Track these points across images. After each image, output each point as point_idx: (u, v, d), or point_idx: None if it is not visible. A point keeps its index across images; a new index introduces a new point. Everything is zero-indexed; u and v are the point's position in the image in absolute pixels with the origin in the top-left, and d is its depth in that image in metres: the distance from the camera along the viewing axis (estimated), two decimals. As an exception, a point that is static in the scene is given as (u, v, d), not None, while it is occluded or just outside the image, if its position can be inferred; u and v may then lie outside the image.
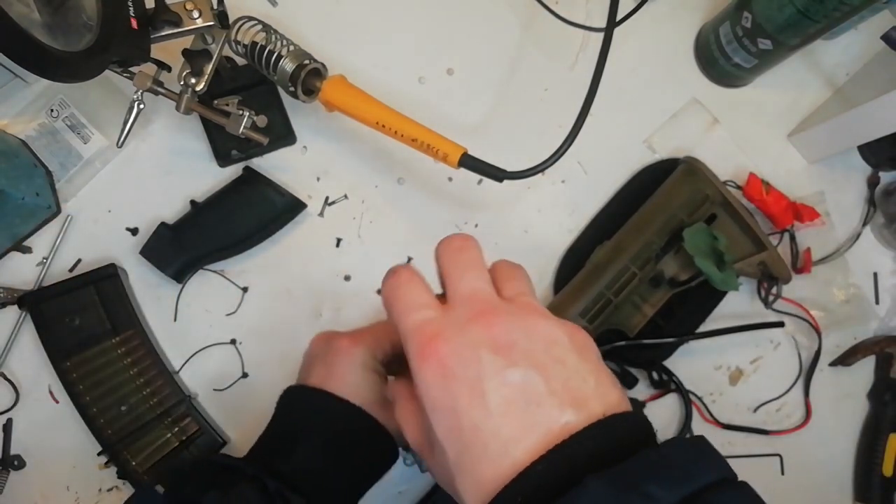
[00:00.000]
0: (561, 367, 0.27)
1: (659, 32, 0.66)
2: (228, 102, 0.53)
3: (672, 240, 0.59)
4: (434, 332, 0.28)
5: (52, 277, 0.57)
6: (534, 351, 0.27)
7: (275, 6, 0.63)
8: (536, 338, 0.28)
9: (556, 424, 0.26)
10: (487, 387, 0.26)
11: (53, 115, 0.58)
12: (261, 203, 0.57)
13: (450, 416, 0.27)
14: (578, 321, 0.57)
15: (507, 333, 0.28)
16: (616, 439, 0.25)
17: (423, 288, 0.31)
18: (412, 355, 0.28)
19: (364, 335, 0.41)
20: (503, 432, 0.26)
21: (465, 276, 0.31)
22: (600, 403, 0.27)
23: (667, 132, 0.65)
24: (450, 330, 0.28)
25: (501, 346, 0.27)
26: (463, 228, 0.62)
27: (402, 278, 0.31)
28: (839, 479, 0.64)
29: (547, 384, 0.26)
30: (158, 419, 0.54)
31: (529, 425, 0.26)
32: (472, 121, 0.64)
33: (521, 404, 0.26)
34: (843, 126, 0.61)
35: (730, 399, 0.63)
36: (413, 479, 0.57)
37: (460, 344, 0.27)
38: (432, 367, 0.27)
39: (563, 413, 0.26)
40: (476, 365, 0.27)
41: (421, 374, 0.28)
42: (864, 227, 0.67)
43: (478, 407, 0.26)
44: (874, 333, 0.66)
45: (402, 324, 0.30)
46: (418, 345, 0.28)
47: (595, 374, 0.28)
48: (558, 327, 0.29)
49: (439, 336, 0.28)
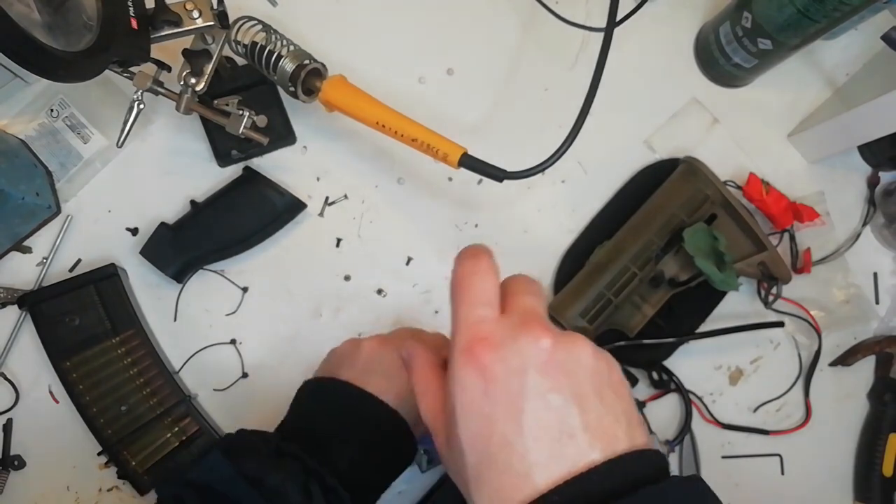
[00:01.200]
0: (598, 402, 0.27)
1: (659, 32, 0.66)
2: (228, 102, 0.53)
3: (672, 240, 0.59)
4: (488, 333, 0.28)
5: (52, 277, 0.57)
6: (577, 378, 0.27)
7: (275, 6, 0.63)
8: (581, 365, 0.27)
9: (584, 461, 0.25)
10: (527, 406, 0.26)
11: (53, 115, 0.58)
12: (261, 203, 0.57)
13: (481, 423, 0.27)
14: (578, 321, 0.57)
15: (558, 357, 0.27)
16: (631, 477, 0.26)
17: (495, 284, 0.30)
18: (459, 349, 0.28)
19: (390, 339, 0.44)
20: (531, 456, 0.26)
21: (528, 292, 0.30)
22: (628, 445, 0.27)
23: (667, 132, 0.65)
24: (501, 336, 0.28)
25: (550, 367, 0.27)
26: (463, 228, 0.62)
27: (481, 266, 0.31)
28: (839, 479, 0.65)
29: (582, 417, 0.26)
30: (158, 419, 0.54)
31: (557, 456, 0.26)
32: (472, 121, 0.64)
33: (555, 433, 0.26)
34: (843, 126, 0.61)
35: (730, 399, 0.63)
36: (413, 479, 0.57)
37: (511, 351, 0.27)
38: (476, 367, 0.27)
39: (592, 450, 0.26)
40: (521, 378, 0.26)
41: (462, 372, 0.27)
42: (864, 227, 0.67)
43: (512, 422, 0.26)
44: (874, 333, 0.66)
45: (461, 313, 0.29)
46: (468, 341, 0.28)
47: (627, 415, 0.28)
48: (601, 359, 0.28)
49: (491, 339, 0.28)
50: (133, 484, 0.54)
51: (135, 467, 0.53)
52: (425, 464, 0.56)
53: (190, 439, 0.55)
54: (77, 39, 0.40)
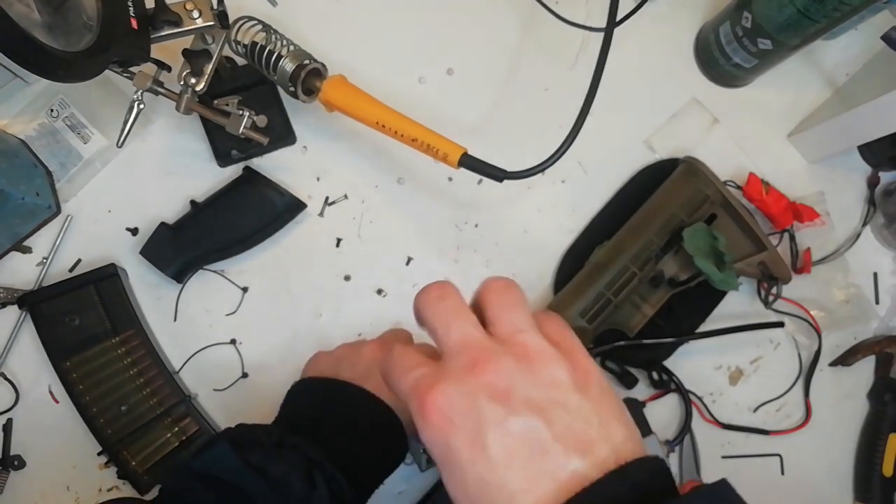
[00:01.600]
0: (562, 410, 0.26)
1: (659, 32, 0.66)
2: (228, 102, 0.53)
3: (672, 240, 0.59)
4: (429, 385, 0.27)
5: (52, 277, 0.57)
6: (533, 395, 0.26)
7: (275, 6, 0.63)
8: (535, 380, 0.27)
9: (564, 472, 0.25)
10: (489, 438, 0.25)
11: (53, 115, 0.58)
12: (261, 203, 0.57)
13: (455, 471, 0.26)
14: (578, 321, 0.57)
15: (505, 378, 0.26)
16: (633, 489, 0.25)
17: (414, 351, 0.30)
18: (414, 415, 0.27)
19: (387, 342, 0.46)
20: (510, 484, 0.25)
21: (451, 325, 0.29)
22: (606, 445, 0.26)
23: (667, 132, 0.65)
24: (445, 381, 0.27)
25: (500, 392, 0.26)
26: (463, 228, 0.62)
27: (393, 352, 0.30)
28: (839, 479, 0.65)
29: (550, 429, 0.25)
30: (158, 419, 0.54)
31: (536, 475, 0.25)
32: (472, 121, 0.64)
33: (526, 454, 0.25)
34: (843, 126, 0.61)
35: (730, 399, 0.63)
36: (413, 479, 0.57)
37: (457, 393, 0.26)
38: (432, 420, 0.26)
39: (568, 460, 0.25)
40: (475, 415, 0.26)
41: (424, 432, 0.27)
42: (864, 227, 0.67)
43: (481, 460, 0.25)
44: (874, 333, 0.66)
45: (401, 388, 0.29)
46: (417, 402, 0.27)
47: (598, 413, 0.27)
48: (556, 363, 0.27)
49: (434, 388, 0.27)
50: (133, 484, 0.54)
51: (135, 467, 0.53)
52: (425, 464, 0.56)
53: (190, 439, 0.55)
54: (77, 39, 0.40)
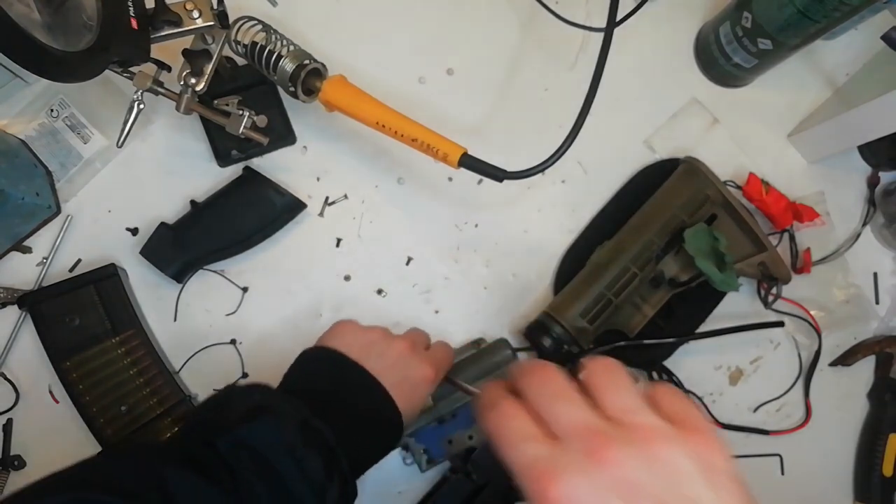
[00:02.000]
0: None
1: (659, 32, 0.66)
2: (228, 102, 0.53)
3: (672, 240, 0.59)
4: (551, 473, 0.26)
5: (52, 277, 0.57)
6: (661, 493, 0.25)
7: (275, 6, 0.63)
8: (660, 471, 0.25)
9: None
10: None
11: (53, 115, 0.58)
12: (261, 203, 0.57)
13: None
14: (578, 321, 0.57)
15: (631, 472, 0.25)
16: None
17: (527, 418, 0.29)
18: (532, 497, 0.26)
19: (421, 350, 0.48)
20: None
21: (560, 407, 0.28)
22: None
23: (667, 132, 0.65)
24: (569, 470, 0.26)
25: (628, 490, 0.25)
26: (463, 228, 0.62)
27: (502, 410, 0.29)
28: (839, 479, 0.64)
29: None
30: (158, 419, 0.54)
31: None
32: (472, 121, 0.64)
33: None
34: (843, 126, 0.61)
35: (730, 399, 0.63)
36: (413, 479, 0.57)
37: (583, 486, 0.25)
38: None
39: None
40: None
41: None
42: (864, 227, 0.67)
43: None
44: (874, 333, 0.66)
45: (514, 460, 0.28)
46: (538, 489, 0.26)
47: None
48: (679, 448, 0.26)
49: (559, 477, 0.26)
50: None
51: (135, 467, 0.53)
52: (425, 464, 0.56)
53: (190, 439, 0.55)
54: (77, 39, 0.40)
